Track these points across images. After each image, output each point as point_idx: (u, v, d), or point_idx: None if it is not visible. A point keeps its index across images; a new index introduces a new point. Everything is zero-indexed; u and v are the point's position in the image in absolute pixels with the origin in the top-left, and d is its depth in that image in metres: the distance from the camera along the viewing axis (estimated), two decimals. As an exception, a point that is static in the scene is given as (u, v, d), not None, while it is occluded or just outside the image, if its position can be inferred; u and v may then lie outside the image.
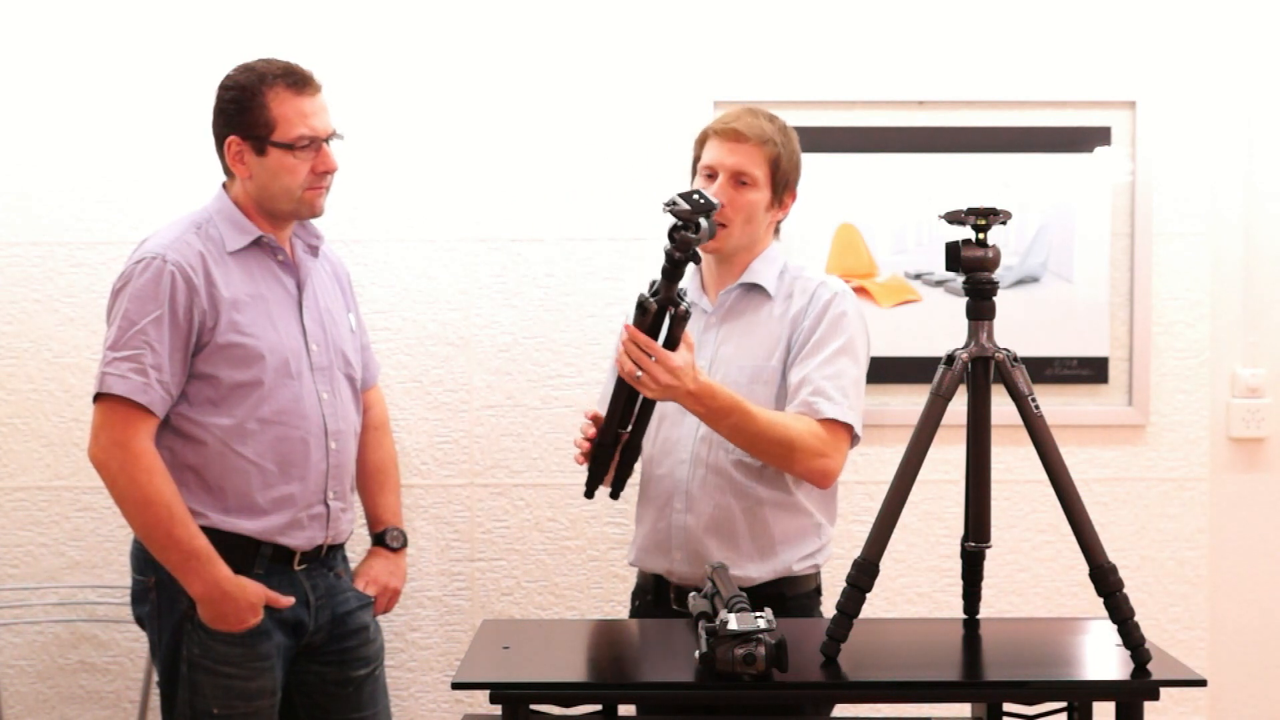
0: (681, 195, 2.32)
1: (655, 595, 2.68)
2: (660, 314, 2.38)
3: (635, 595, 2.79)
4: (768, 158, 2.61)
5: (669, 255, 2.33)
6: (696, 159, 2.69)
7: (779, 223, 2.73)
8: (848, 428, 2.56)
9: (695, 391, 2.42)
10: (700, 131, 2.69)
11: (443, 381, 3.43)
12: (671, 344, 2.39)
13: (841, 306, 2.61)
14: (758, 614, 2.09)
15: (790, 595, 2.60)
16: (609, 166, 3.42)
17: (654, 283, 2.38)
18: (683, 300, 2.38)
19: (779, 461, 2.54)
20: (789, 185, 2.67)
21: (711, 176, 2.62)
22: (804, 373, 2.57)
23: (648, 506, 2.69)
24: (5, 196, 3.39)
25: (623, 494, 2.60)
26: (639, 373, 2.38)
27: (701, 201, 2.31)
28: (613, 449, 2.53)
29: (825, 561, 2.67)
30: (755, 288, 2.67)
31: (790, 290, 2.66)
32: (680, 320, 2.38)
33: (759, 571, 2.59)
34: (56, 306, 3.40)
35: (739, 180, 2.61)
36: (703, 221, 2.32)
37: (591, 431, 2.55)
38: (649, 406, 2.52)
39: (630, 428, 2.52)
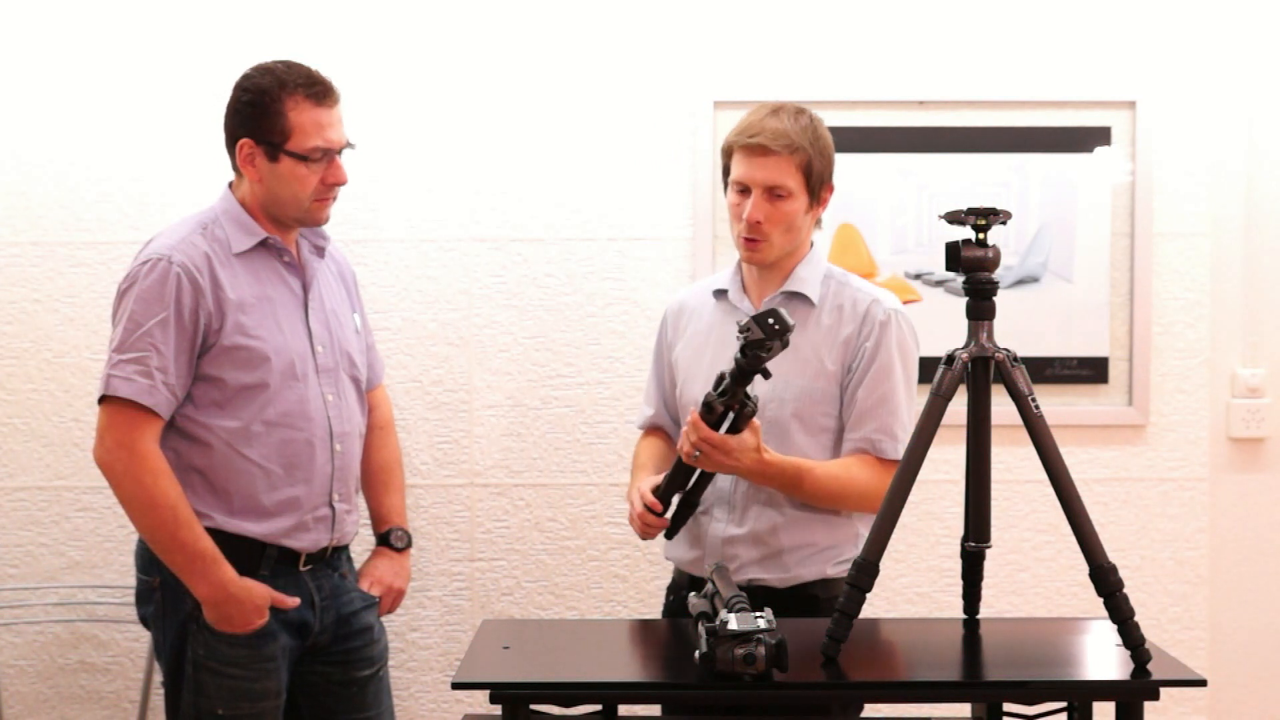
0: (756, 319, 2.27)
1: (690, 592, 2.65)
2: (725, 413, 2.40)
3: (670, 590, 2.77)
4: (799, 165, 2.53)
5: (739, 365, 2.32)
6: (726, 169, 2.62)
7: (819, 217, 2.66)
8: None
9: (756, 470, 2.46)
10: (724, 143, 2.61)
11: (443, 381, 3.43)
12: (736, 431, 2.42)
13: (897, 331, 2.58)
14: (758, 614, 2.09)
15: (824, 597, 2.57)
16: (609, 166, 3.42)
17: (721, 378, 2.38)
18: (749, 401, 2.39)
19: (844, 509, 2.58)
20: (824, 183, 2.59)
21: (744, 191, 2.55)
22: (866, 405, 2.55)
23: None
24: (5, 196, 3.39)
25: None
26: (696, 454, 2.43)
27: (776, 327, 2.27)
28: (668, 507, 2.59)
29: None
30: (798, 296, 2.61)
31: (839, 303, 2.61)
32: (746, 417, 2.40)
33: (794, 577, 2.58)
34: (56, 306, 3.40)
35: (773, 194, 2.53)
36: (777, 342, 2.29)
37: (653, 501, 2.56)
38: (708, 475, 2.55)
39: (690, 488, 2.56)
